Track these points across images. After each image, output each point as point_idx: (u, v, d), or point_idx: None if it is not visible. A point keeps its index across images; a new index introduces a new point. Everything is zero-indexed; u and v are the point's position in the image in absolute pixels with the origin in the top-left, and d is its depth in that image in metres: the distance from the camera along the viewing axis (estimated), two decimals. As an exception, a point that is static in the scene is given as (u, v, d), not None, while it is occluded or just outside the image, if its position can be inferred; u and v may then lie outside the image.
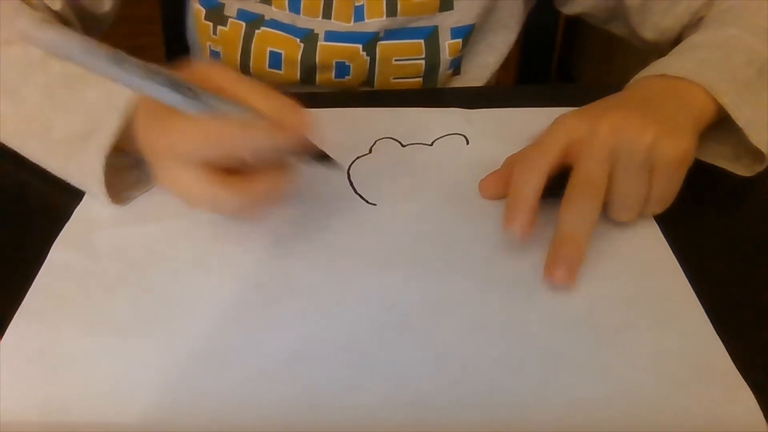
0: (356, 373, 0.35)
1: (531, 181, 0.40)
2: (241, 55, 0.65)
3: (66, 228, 0.44)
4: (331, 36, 0.63)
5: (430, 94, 0.65)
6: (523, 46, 0.86)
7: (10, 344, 0.36)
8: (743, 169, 0.47)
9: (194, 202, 0.39)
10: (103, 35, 0.64)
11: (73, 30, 0.61)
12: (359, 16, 0.62)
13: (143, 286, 0.40)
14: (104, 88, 0.44)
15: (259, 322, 0.38)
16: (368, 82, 0.67)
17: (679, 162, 0.40)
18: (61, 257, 0.42)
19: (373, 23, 0.62)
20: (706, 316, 0.37)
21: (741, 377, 0.34)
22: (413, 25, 0.64)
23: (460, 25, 0.65)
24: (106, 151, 0.42)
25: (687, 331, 0.37)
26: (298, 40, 0.63)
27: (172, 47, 0.83)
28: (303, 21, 0.63)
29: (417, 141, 0.52)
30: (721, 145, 0.48)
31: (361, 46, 0.64)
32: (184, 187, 0.37)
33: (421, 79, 0.67)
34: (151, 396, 0.34)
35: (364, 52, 0.64)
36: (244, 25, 0.64)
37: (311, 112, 0.55)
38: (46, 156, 0.46)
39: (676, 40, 0.60)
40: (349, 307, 0.38)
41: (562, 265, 0.39)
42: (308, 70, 0.65)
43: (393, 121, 0.54)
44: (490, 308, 0.38)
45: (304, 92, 0.66)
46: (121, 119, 0.42)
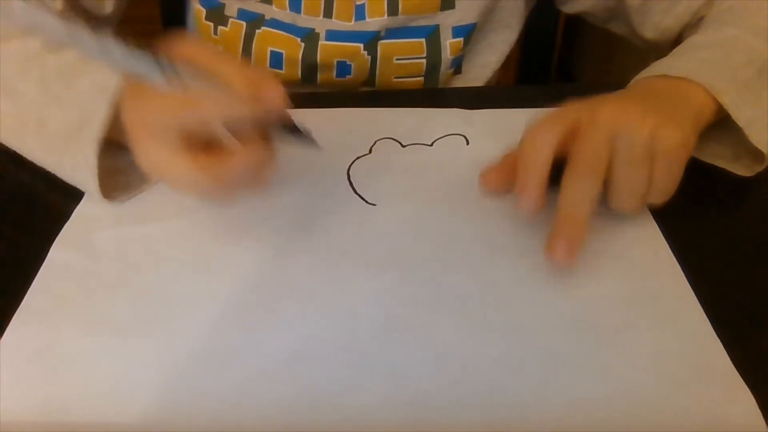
0: (356, 373, 0.35)
1: (541, 151, 0.40)
2: (242, 54, 0.65)
3: (66, 228, 0.44)
4: (332, 35, 0.63)
5: (431, 94, 0.65)
6: (523, 46, 0.85)
7: (10, 344, 0.36)
8: (743, 169, 0.47)
9: (170, 179, 0.38)
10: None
11: None
12: (360, 15, 0.62)
13: (143, 286, 0.40)
14: (94, 78, 0.43)
15: (259, 322, 0.38)
16: (369, 82, 0.67)
17: (679, 150, 0.40)
18: (61, 257, 0.42)
19: (374, 22, 0.63)
20: (706, 317, 0.37)
21: (740, 377, 0.34)
22: (414, 24, 0.64)
23: (462, 24, 0.65)
24: (98, 141, 0.42)
25: (686, 332, 0.37)
26: (299, 39, 0.63)
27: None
28: (304, 20, 0.63)
29: (417, 141, 0.52)
30: (721, 145, 0.48)
31: (362, 45, 0.64)
32: (159, 164, 0.37)
33: (422, 79, 0.67)
34: (151, 396, 0.34)
35: (365, 51, 0.64)
36: (244, 24, 0.64)
37: (311, 112, 0.55)
38: (42, 152, 0.46)
39: (676, 40, 0.60)
40: (348, 307, 0.38)
41: (563, 243, 0.39)
42: (309, 70, 0.65)
43: (393, 121, 0.54)
44: (489, 308, 0.38)
45: (305, 92, 0.66)
46: (110, 107, 0.42)
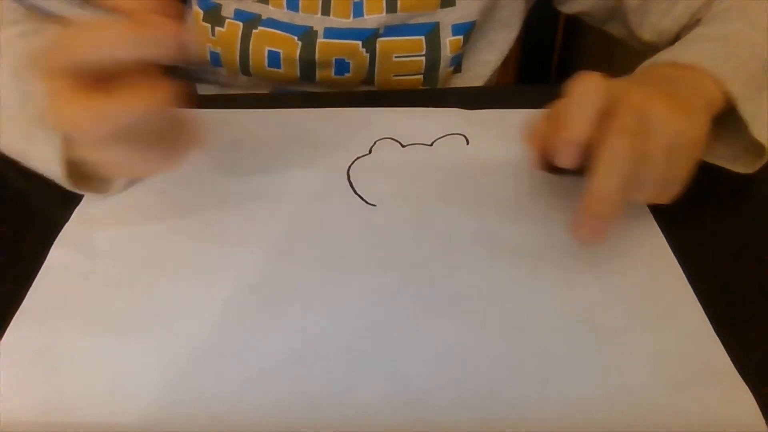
0: (356, 373, 0.35)
1: (585, 106, 0.37)
2: (240, 55, 0.65)
3: (66, 228, 0.44)
4: (330, 33, 0.63)
5: (430, 94, 0.65)
6: (523, 46, 0.86)
7: (10, 344, 0.36)
8: (742, 167, 0.47)
9: (54, 119, 0.36)
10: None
11: None
12: (358, 12, 0.62)
13: (143, 286, 0.40)
14: None
15: (259, 322, 0.38)
16: (368, 80, 0.67)
17: (697, 147, 0.40)
18: (61, 257, 0.42)
19: (372, 19, 0.62)
20: (706, 317, 0.37)
21: (740, 377, 0.34)
22: (413, 22, 0.64)
23: (461, 21, 0.65)
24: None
25: (686, 332, 0.37)
26: (296, 38, 0.63)
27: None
28: (301, 18, 0.63)
29: (417, 141, 0.52)
30: (720, 144, 0.48)
31: (360, 43, 0.64)
32: (49, 105, 0.35)
33: (421, 77, 0.67)
34: (151, 396, 0.34)
35: (364, 49, 0.64)
36: (241, 25, 0.64)
37: (311, 112, 0.55)
38: (16, 143, 0.44)
39: (673, 43, 0.60)
40: (348, 307, 0.38)
41: (593, 220, 0.37)
42: (308, 68, 0.65)
43: (393, 121, 0.54)
44: (489, 308, 0.38)
45: (305, 92, 0.66)
46: None
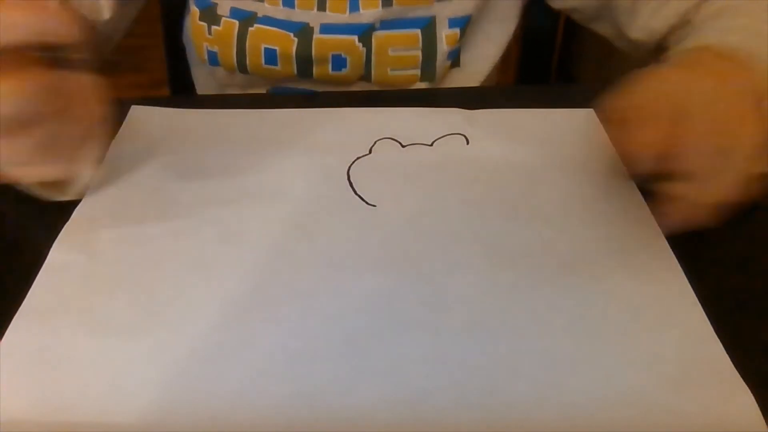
0: (356, 373, 0.35)
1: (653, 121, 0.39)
2: (237, 53, 0.65)
3: (66, 228, 0.44)
4: (327, 28, 0.63)
5: (430, 94, 0.65)
6: (523, 46, 0.86)
7: (10, 344, 0.36)
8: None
9: None
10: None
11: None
12: (354, 7, 0.62)
13: (143, 286, 0.40)
14: None
15: (259, 322, 0.38)
16: (365, 75, 0.67)
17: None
18: (61, 257, 0.42)
19: (368, 14, 0.63)
20: (706, 317, 0.37)
21: (740, 378, 0.34)
22: (410, 16, 0.64)
23: (458, 15, 0.65)
24: None
25: (686, 332, 0.37)
26: (292, 34, 0.63)
27: (172, 47, 0.83)
28: (297, 15, 0.63)
29: (417, 141, 0.52)
30: None
31: (356, 38, 0.64)
32: None
33: (418, 71, 0.67)
34: (151, 396, 0.34)
35: (360, 43, 0.64)
36: (237, 23, 0.64)
37: (311, 112, 0.55)
38: None
39: (659, 45, 0.61)
40: (348, 307, 0.38)
41: (676, 220, 0.39)
42: (304, 64, 0.65)
43: (393, 121, 0.54)
44: (489, 308, 0.38)
45: (305, 92, 0.66)
46: None
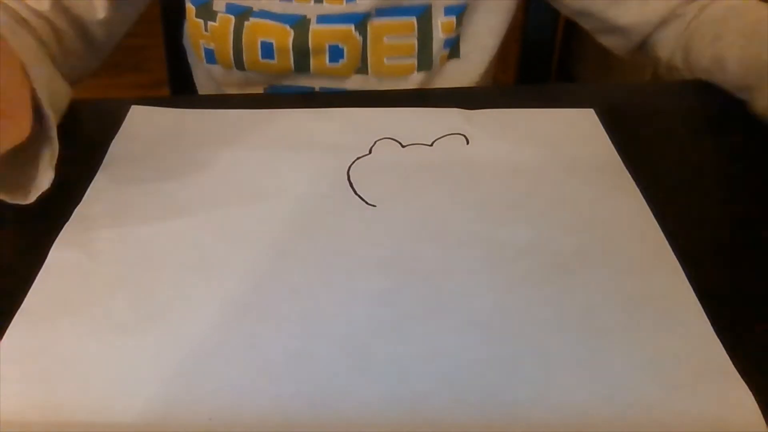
0: (356, 373, 0.35)
1: None
2: (233, 48, 0.65)
3: (66, 228, 0.44)
4: (323, 19, 0.63)
5: (429, 94, 0.65)
6: (523, 46, 0.86)
7: (10, 344, 0.36)
8: None
9: None
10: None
11: (66, 40, 0.60)
12: None
13: (143, 286, 0.40)
14: None
15: (259, 322, 0.38)
16: (362, 66, 0.66)
17: None
18: (61, 257, 0.42)
19: (364, 3, 0.63)
20: (706, 317, 0.37)
21: (740, 378, 0.34)
22: (405, 4, 0.64)
23: (454, 3, 0.65)
24: None
25: (686, 332, 0.37)
26: (288, 26, 0.63)
27: (172, 47, 0.83)
28: (294, 8, 0.63)
29: (417, 141, 0.52)
30: None
31: (353, 27, 0.63)
32: None
33: (415, 60, 0.67)
34: (151, 395, 0.34)
35: (357, 32, 0.64)
36: (233, 18, 0.64)
37: (311, 112, 0.55)
38: None
39: (643, 43, 0.61)
40: (348, 307, 0.38)
41: None
42: (301, 56, 0.65)
43: (393, 121, 0.54)
44: (489, 308, 0.38)
45: (305, 92, 0.66)
46: None
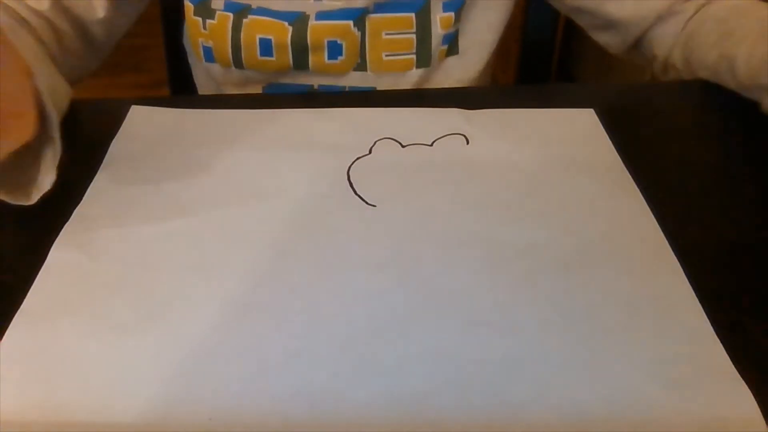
0: (356, 373, 0.35)
1: None
2: (232, 46, 0.65)
3: (66, 228, 0.44)
4: (322, 15, 0.63)
5: (429, 94, 0.65)
6: (523, 46, 0.86)
7: (10, 344, 0.36)
8: None
9: None
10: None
11: (65, 40, 0.60)
12: None
13: (143, 286, 0.40)
14: None
15: (259, 322, 0.38)
16: (361, 63, 0.66)
17: None
18: (61, 257, 0.42)
19: None
20: (706, 317, 0.37)
21: (740, 377, 0.34)
22: None
23: None
24: None
25: (686, 332, 0.37)
26: (287, 23, 0.63)
27: (172, 47, 0.83)
28: (293, 5, 0.63)
29: (417, 141, 0.52)
30: None
31: (352, 22, 0.63)
32: None
33: (414, 56, 0.67)
34: (151, 395, 0.34)
35: (356, 28, 0.64)
36: (231, 16, 0.64)
37: (311, 112, 0.55)
38: None
39: (639, 40, 0.61)
40: (348, 307, 0.38)
41: None
42: (300, 53, 0.65)
43: (393, 121, 0.54)
44: (489, 308, 0.38)
45: (305, 92, 0.66)
46: None
